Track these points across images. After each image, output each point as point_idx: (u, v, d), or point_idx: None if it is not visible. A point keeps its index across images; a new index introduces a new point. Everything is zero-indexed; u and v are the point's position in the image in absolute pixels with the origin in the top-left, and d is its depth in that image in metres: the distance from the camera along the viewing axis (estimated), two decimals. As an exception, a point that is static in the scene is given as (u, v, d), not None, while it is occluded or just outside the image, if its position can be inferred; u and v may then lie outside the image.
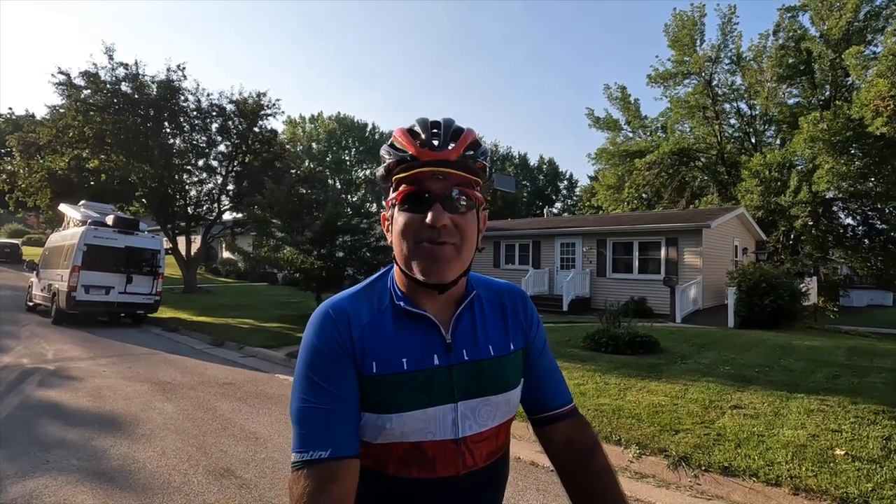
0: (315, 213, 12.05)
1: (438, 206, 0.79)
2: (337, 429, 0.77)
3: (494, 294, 0.96)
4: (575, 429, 0.96)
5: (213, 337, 9.77)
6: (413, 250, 0.81)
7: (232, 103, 19.23)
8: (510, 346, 0.92)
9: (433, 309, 0.86)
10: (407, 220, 0.81)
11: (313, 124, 51.93)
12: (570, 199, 53.73)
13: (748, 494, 3.27)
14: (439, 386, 0.83)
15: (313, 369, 0.81)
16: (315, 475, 0.74)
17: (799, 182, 20.66)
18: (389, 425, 0.80)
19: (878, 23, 21.18)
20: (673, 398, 5.03)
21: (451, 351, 0.85)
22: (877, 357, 7.26)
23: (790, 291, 12.22)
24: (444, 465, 0.83)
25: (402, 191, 0.82)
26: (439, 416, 0.82)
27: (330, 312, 0.84)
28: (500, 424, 0.89)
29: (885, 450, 3.67)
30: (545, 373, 0.97)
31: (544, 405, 0.96)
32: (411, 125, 0.85)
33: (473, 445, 0.85)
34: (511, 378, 0.90)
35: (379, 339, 0.83)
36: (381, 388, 0.81)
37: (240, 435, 4.25)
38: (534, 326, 0.98)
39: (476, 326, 0.90)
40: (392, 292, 0.88)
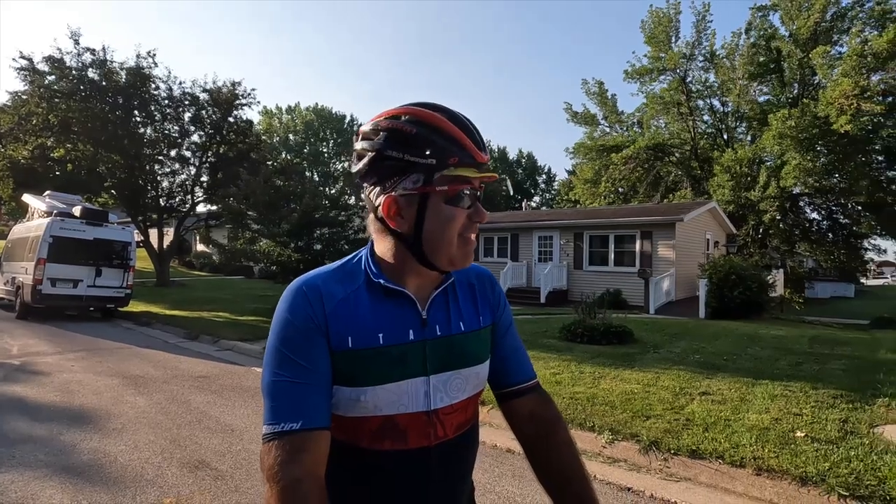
0: (292, 206, 11.89)
1: (479, 203, 0.85)
2: (308, 401, 0.78)
3: (464, 275, 0.99)
4: (538, 403, 0.99)
5: (188, 331, 9.59)
6: (458, 245, 0.84)
7: (205, 92, 18.76)
8: (479, 323, 0.95)
9: (413, 287, 0.88)
10: (457, 215, 0.83)
11: (290, 115, 51.07)
12: (549, 192, 54.28)
13: (714, 476, 3.40)
14: (413, 360, 0.85)
15: (285, 343, 0.81)
16: (286, 445, 0.75)
17: (768, 177, 21.30)
18: (363, 398, 0.82)
19: (844, 24, 21.88)
20: (645, 386, 5.17)
21: (425, 326, 0.88)
22: (837, 345, 7.59)
23: (758, 283, 12.63)
24: (416, 437, 0.85)
25: (458, 186, 0.81)
26: (412, 389, 0.85)
27: (303, 288, 0.84)
28: (469, 397, 0.92)
29: (841, 431, 3.86)
30: (511, 350, 1.00)
31: (509, 380, 0.99)
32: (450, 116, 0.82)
33: (444, 417, 0.87)
34: (480, 353, 0.94)
35: (354, 314, 0.84)
36: (356, 362, 0.82)
37: (215, 427, 4.21)
38: (501, 306, 1.02)
39: (449, 304, 0.93)
40: (368, 271, 0.88)
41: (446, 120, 0.81)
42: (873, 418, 4.15)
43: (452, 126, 0.81)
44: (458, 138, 0.80)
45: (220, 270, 26.07)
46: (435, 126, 0.80)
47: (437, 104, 0.85)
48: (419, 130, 0.80)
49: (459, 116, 0.84)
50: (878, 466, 3.20)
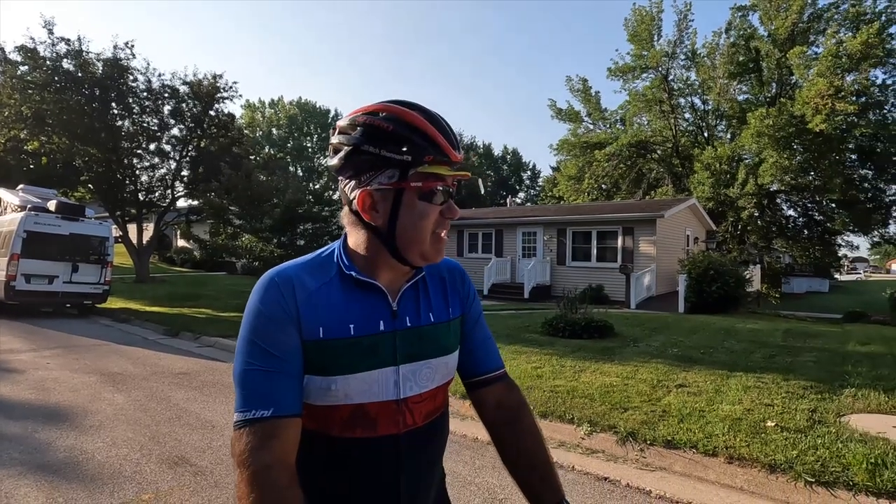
0: (275, 201, 11.78)
1: (452, 201, 0.88)
2: (279, 390, 0.80)
3: (435, 268, 1.01)
4: (504, 392, 1.03)
5: (168, 327, 9.46)
6: (430, 241, 0.87)
7: (185, 85, 18.39)
8: (449, 315, 0.98)
9: (385, 280, 0.90)
10: (431, 211, 0.85)
11: (273, 109, 50.39)
12: (534, 188, 54.58)
13: (688, 465, 3.50)
14: (383, 350, 0.88)
15: (257, 334, 0.83)
16: (257, 432, 0.77)
17: (746, 175, 21.74)
18: (334, 387, 0.84)
19: (820, 25, 22.39)
20: (624, 379, 5.28)
21: (396, 318, 0.90)
22: (809, 338, 7.82)
23: (735, 278, 12.92)
24: (386, 425, 0.88)
25: (432, 183, 0.84)
26: (382, 378, 0.87)
27: (275, 279, 0.86)
28: (438, 386, 0.94)
29: (810, 421, 4.00)
30: (479, 341, 1.04)
31: (478, 369, 1.03)
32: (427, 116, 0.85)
33: (413, 405, 0.90)
34: (449, 343, 0.97)
35: (326, 305, 0.86)
36: (327, 351, 0.84)
37: (195, 424, 4.18)
38: (470, 298, 1.05)
39: (419, 296, 0.95)
40: (340, 264, 0.90)
41: (422, 118, 0.83)
42: (840, 408, 4.31)
43: (428, 124, 0.83)
44: (433, 137, 0.83)
45: (201, 266, 25.64)
46: (411, 124, 0.82)
47: (414, 103, 0.87)
48: (395, 127, 0.82)
49: (435, 115, 0.86)
50: (843, 454, 3.33)
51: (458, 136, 0.88)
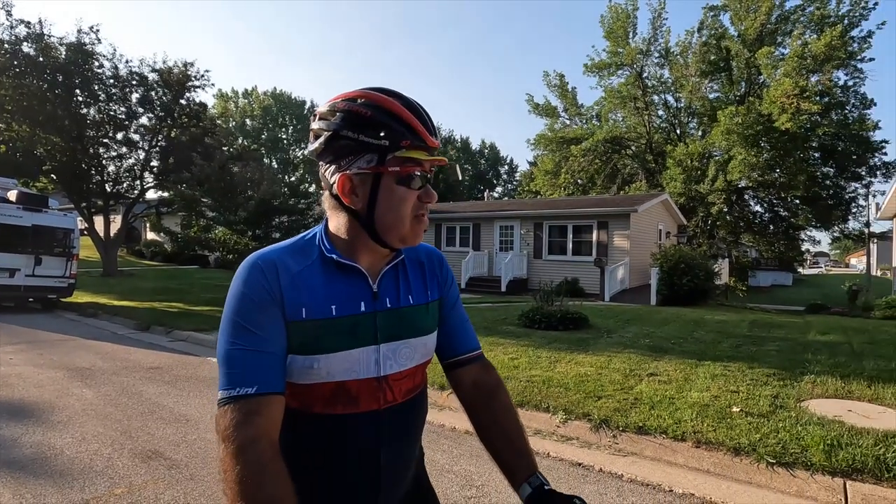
0: (250, 193, 11.56)
1: (429, 186, 0.91)
2: (263, 368, 0.82)
3: (414, 253, 1.05)
4: (481, 372, 1.07)
5: (138, 321, 9.21)
6: (410, 224, 0.89)
7: (155, 72, 17.81)
8: (427, 297, 1.02)
9: (365, 263, 0.93)
10: (408, 195, 0.88)
11: (247, 99, 49.26)
12: (511, 183, 54.90)
13: (658, 450, 3.62)
14: (364, 330, 0.91)
15: (241, 315, 0.84)
16: (241, 408, 0.79)
17: (716, 171, 22.37)
18: (317, 365, 0.86)
19: (787, 26, 23.12)
20: (598, 368, 5.40)
21: (376, 299, 0.93)
22: (773, 329, 8.14)
23: (705, 272, 13.32)
24: (367, 401, 0.90)
25: (409, 168, 0.86)
26: (363, 356, 0.90)
27: (258, 263, 0.88)
28: (417, 365, 0.98)
29: (772, 406, 4.18)
30: (457, 323, 1.07)
31: (455, 350, 1.06)
32: (405, 103, 0.87)
33: (394, 383, 0.93)
34: (428, 324, 1.00)
35: (308, 287, 0.88)
36: (310, 331, 0.86)
37: (168, 418, 4.10)
38: (448, 282, 1.08)
39: (399, 279, 0.98)
40: (321, 247, 0.92)
41: (400, 105, 0.86)
42: (800, 393, 4.51)
43: (405, 111, 0.85)
44: (410, 123, 0.85)
45: (172, 260, 24.97)
46: (389, 110, 0.85)
47: (393, 90, 0.89)
48: (373, 113, 0.85)
49: (413, 102, 0.88)
50: (803, 436, 3.50)
51: (435, 125, 0.91)
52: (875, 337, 7.23)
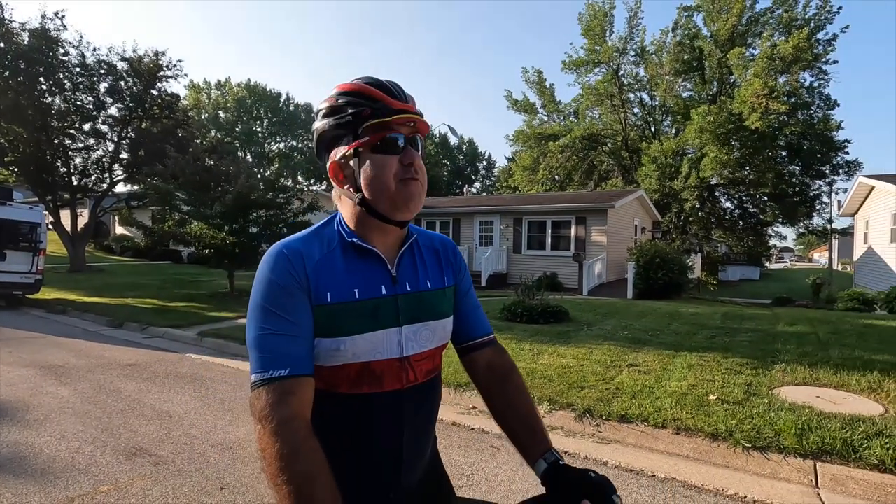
0: (227, 187, 11.30)
1: (411, 148, 0.92)
2: (294, 351, 0.85)
3: (429, 240, 1.10)
4: (495, 354, 1.12)
5: (111, 318, 8.95)
6: (394, 190, 0.91)
7: (124, 61, 17.21)
8: (444, 283, 1.06)
9: (381, 247, 0.97)
10: (387, 162, 0.91)
11: (220, 91, 48.02)
12: (489, 178, 55.13)
13: (640, 437, 3.74)
14: (386, 312, 0.94)
15: (270, 301, 0.88)
16: (276, 390, 0.82)
17: (689, 168, 22.94)
18: (343, 347, 0.90)
19: (757, 28, 23.82)
20: (580, 360, 5.52)
21: (396, 283, 0.97)
22: (744, 320, 8.43)
23: (679, 266, 13.67)
24: (390, 381, 0.94)
25: (379, 135, 0.90)
26: (386, 338, 0.94)
27: (284, 251, 0.91)
28: (436, 347, 1.02)
29: (746, 393, 4.35)
30: (470, 309, 1.12)
31: (470, 335, 1.11)
32: (366, 80, 0.94)
33: (415, 363, 0.97)
34: (445, 308, 1.05)
35: (331, 272, 0.92)
36: (336, 315, 0.90)
37: (150, 415, 4.02)
38: (461, 270, 1.13)
39: (416, 264, 1.03)
40: (341, 233, 0.97)
41: (358, 82, 0.93)
42: (772, 381, 4.71)
43: (362, 84, 0.92)
44: (370, 94, 0.91)
45: (143, 255, 24.33)
46: (350, 90, 0.92)
47: (368, 76, 0.95)
48: (340, 99, 0.93)
49: (377, 79, 0.94)
50: (775, 421, 3.66)
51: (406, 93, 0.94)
52: (839, 327, 7.57)
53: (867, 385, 4.50)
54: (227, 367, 5.89)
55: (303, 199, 12.50)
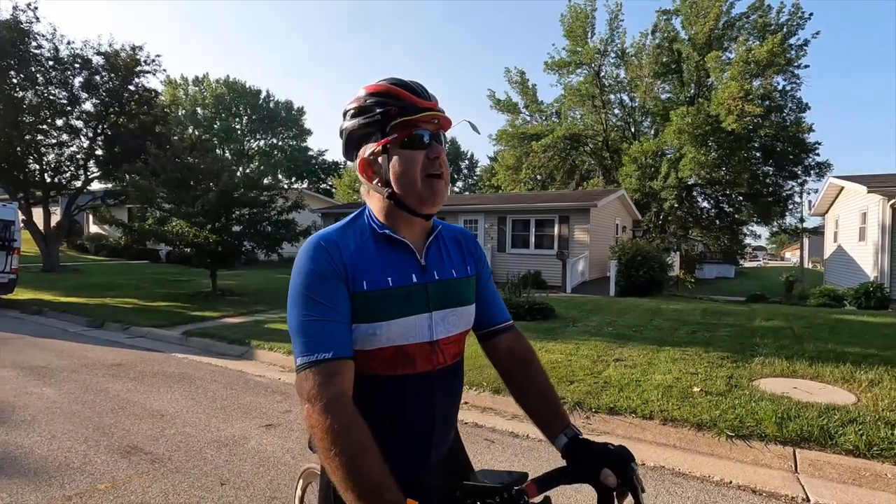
0: (210, 184, 11.13)
1: (436, 143, 0.98)
2: (335, 336, 0.91)
3: (452, 233, 1.17)
4: (514, 339, 1.20)
5: (90, 318, 8.75)
6: (420, 185, 0.97)
7: (100, 55, 16.77)
8: (467, 272, 1.13)
9: (409, 238, 1.04)
10: (413, 157, 0.97)
11: (198, 87, 47.07)
12: (472, 178, 55.29)
13: (629, 428, 3.86)
14: (417, 299, 1.01)
15: (311, 289, 0.94)
16: (322, 371, 0.88)
17: (668, 169, 23.43)
18: (379, 332, 0.96)
19: (734, 32, 24.43)
20: (567, 355, 5.64)
21: (425, 272, 1.04)
22: (723, 316, 8.69)
23: (659, 264, 13.98)
24: (422, 363, 1.01)
25: (406, 132, 0.96)
26: (418, 323, 1.00)
27: (321, 243, 0.98)
28: (462, 332, 1.09)
29: (728, 385, 4.52)
30: (490, 297, 1.19)
31: (490, 321, 1.18)
32: (393, 81, 1.00)
33: (444, 346, 1.04)
34: (470, 295, 1.12)
35: (366, 262, 0.99)
36: (371, 301, 0.96)
37: (142, 414, 3.98)
38: (482, 261, 1.20)
39: (442, 254, 1.10)
40: (372, 226, 1.03)
41: (385, 83, 0.99)
42: (752, 374, 4.89)
43: (389, 85, 0.98)
44: (396, 94, 0.97)
45: (119, 254, 23.76)
46: (377, 91, 0.98)
47: (394, 77, 1.01)
48: (368, 99, 0.98)
49: (402, 79, 1.01)
50: (756, 411, 3.82)
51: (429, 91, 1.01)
52: (812, 322, 7.88)
53: (840, 376, 4.72)
54: (216, 366, 5.84)
55: (287, 197, 12.39)
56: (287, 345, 6.31)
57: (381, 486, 0.79)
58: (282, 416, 4.08)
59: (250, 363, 6.02)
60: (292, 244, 12.17)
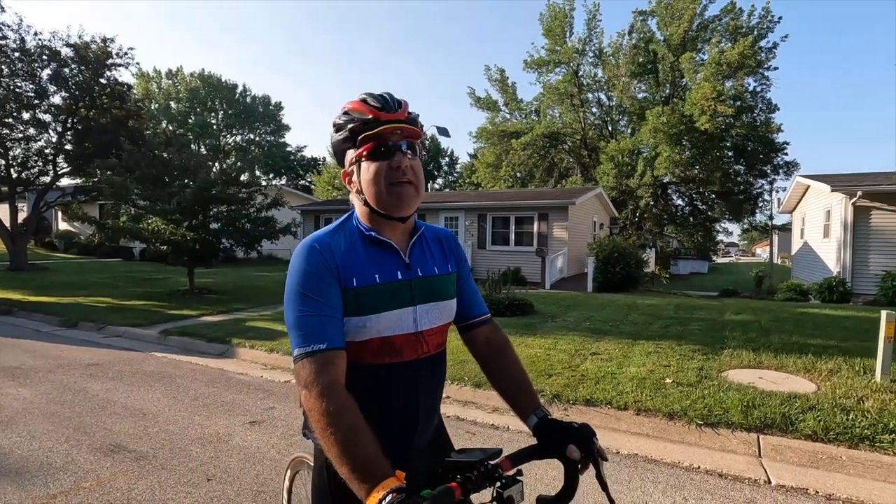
0: (186, 181, 10.95)
1: (399, 153, 1.07)
2: (329, 329, 1.01)
3: (434, 233, 1.27)
4: (492, 331, 1.30)
5: (63, 318, 8.56)
6: (385, 191, 1.07)
7: (69, 47, 16.27)
8: (448, 269, 1.23)
9: (393, 239, 1.14)
10: (377, 168, 1.06)
11: (171, 80, 45.92)
12: (452, 175, 55.34)
13: (604, 418, 4.02)
14: (402, 294, 1.11)
15: (306, 288, 1.03)
16: (317, 361, 0.97)
17: (644, 167, 23.92)
18: (369, 324, 1.06)
19: (707, 34, 25.04)
20: (546, 349, 5.79)
21: (409, 269, 1.14)
22: (695, 311, 8.99)
23: (636, 260, 14.33)
24: (408, 352, 1.11)
25: (369, 145, 1.06)
26: (404, 315, 1.10)
27: (315, 245, 1.07)
28: (444, 324, 1.20)
29: (698, 377, 4.72)
30: (470, 293, 1.30)
31: (470, 314, 1.29)
32: (361, 98, 1.10)
33: (428, 337, 1.14)
34: (450, 291, 1.22)
35: (355, 261, 1.08)
36: (361, 296, 1.06)
37: (122, 413, 3.97)
38: (462, 259, 1.31)
39: (425, 253, 1.19)
40: (359, 228, 1.13)
41: (355, 101, 1.09)
42: (721, 365, 5.12)
43: (358, 103, 1.08)
44: (360, 110, 1.07)
45: (90, 252, 23.12)
46: (349, 109, 1.09)
47: (366, 93, 1.12)
48: (343, 118, 1.10)
49: (372, 94, 1.11)
50: (724, 400, 4.02)
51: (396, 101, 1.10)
52: (779, 315, 8.22)
53: (803, 366, 4.97)
54: (196, 364, 5.81)
55: (266, 194, 12.27)
56: (268, 342, 6.31)
57: (372, 460, 0.87)
58: (265, 412, 4.11)
59: (231, 361, 6.00)
60: (272, 242, 12.07)
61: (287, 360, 5.77)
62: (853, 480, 3.04)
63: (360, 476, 0.85)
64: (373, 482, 0.83)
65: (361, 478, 0.85)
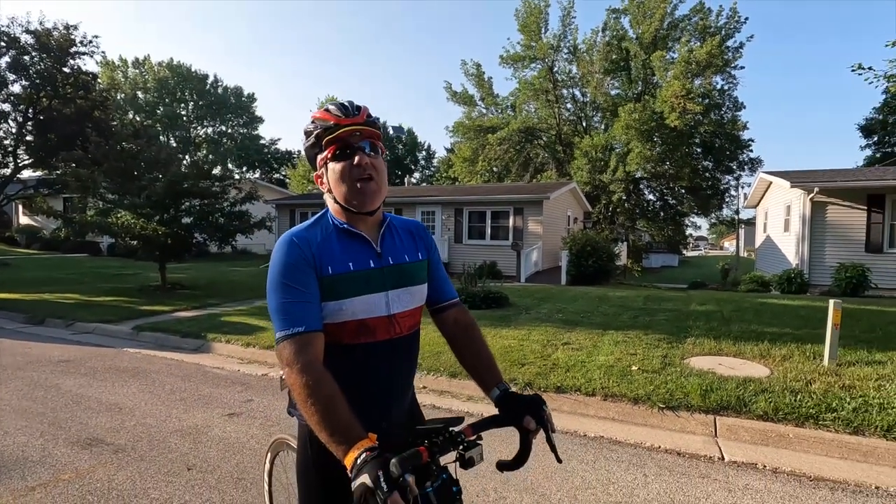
0: (157, 175, 10.73)
1: (360, 152, 1.20)
2: (307, 313, 1.12)
3: (404, 224, 1.40)
4: (460, 313, 1.44)
5: (28, 314, 8.35)
6: (350, 189, 1.20)
7: (29, 34, 15.68)
8: (419, 257, 1.35)
9: (365, 230, 1.26)
10: (341, 167, 1.19)
11: (138, 69, 44.42)
12: (429, 169, 55.28)
13: (573, 404, 4.21)
14: (375, 280, 1.23)
15: (286, 277, 1.14)
16: (297, 342, 1.09)
17: (617, 162, 24.44)
18: (345, 307, 1.18)
19: (677, 33, 25.66)
20: (520, 340, 5.97)
21: (381, 257, 1.26)
22: (663, 302, 9.34)
23: (608, 254, 14.69)
24: (382, 333, 1.23)
25: (332, 147, 1.19)
26: (377, 300, 1.22)
27: (294, 239, 1.19)
28: (416, 307, 1.32)
29: (662, 364, 4.97)
30: (440, 279, 1.43)
31: (440, 298, 1.42)
32: (326, 107, 1.23)
33: (400, 319, 1.26)
34: (421, 277, 1.34)
35: (330, 252, 1.20)
36: (336, 283, 1.18)
37: (98, 408, 3.96)
38: (432, 248, 1.43)
39: (396, 242, 1.32)
40: (334, 222, 1.26)
41: (319, 110, 1.22)
42: (684, 353, 5.39)
43: (322, 112, 1.22)
44: (323, 118, 1.20)
45: (54, 247, 22.33)
46: (314, 118, 1.23)
47: (331, 102, 1.28)
48: (310, 126, 1.23)
49: (336, 102, 1.25)
50: (685, 386, 4.26)
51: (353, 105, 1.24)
52: (740, 306, 8.62)
53: (759, 353, 5.28)
54: (171, 359, 5.78)
55: (240, 188, 12.11)
56: (245, 337, 6.31)
57: (348, 425, 0.99)
58: (244, 405, 4.16)
59: (207, 356, 5.99)
60: (246, 236, 11.95)
61: (264, 354, 5.80)
62: (798, 455, 3.29)
63: (338, 439, 0.97)
64: (349, 443, 0.95)
65: (339, 440, 0.96)
